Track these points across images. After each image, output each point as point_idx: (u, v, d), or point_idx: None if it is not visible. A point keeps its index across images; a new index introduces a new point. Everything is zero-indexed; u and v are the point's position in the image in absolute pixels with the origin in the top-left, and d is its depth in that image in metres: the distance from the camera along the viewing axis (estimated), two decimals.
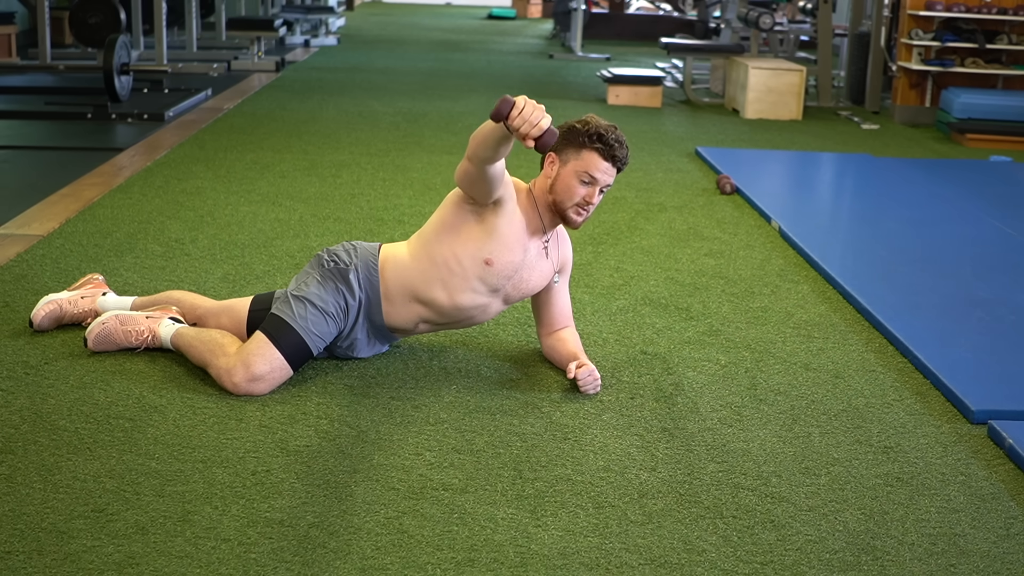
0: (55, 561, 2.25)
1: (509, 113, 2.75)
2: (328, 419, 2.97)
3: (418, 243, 3.26)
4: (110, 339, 3.31)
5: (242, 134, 7.03)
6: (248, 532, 2.39)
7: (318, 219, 5.00)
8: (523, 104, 2.75)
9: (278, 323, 3.14)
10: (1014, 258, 4.90)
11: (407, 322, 3.29)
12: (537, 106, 2.77)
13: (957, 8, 8.39)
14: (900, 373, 3.50)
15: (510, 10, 19.63)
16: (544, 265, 3.29)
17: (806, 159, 7.24)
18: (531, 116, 2.75)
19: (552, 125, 2.80)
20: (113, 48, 7.49)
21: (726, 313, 3.98)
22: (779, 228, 5.10)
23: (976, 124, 7.98)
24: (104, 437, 2.80)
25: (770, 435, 3.00)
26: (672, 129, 8.10)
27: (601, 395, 3.21)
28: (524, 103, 2.75)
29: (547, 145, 2.78)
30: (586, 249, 4.67)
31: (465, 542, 2.40)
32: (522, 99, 2.76)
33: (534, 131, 2.76)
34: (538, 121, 2.75)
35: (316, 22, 14.26)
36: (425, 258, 3.22)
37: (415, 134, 7.34)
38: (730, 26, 10.82)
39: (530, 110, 2.75)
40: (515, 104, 2.76)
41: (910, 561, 2.42)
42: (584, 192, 3.16)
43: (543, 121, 2.76)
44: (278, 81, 9.73)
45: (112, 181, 5.58)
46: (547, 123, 2.77)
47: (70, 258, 4.25)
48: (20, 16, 10.72)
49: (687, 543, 2.44)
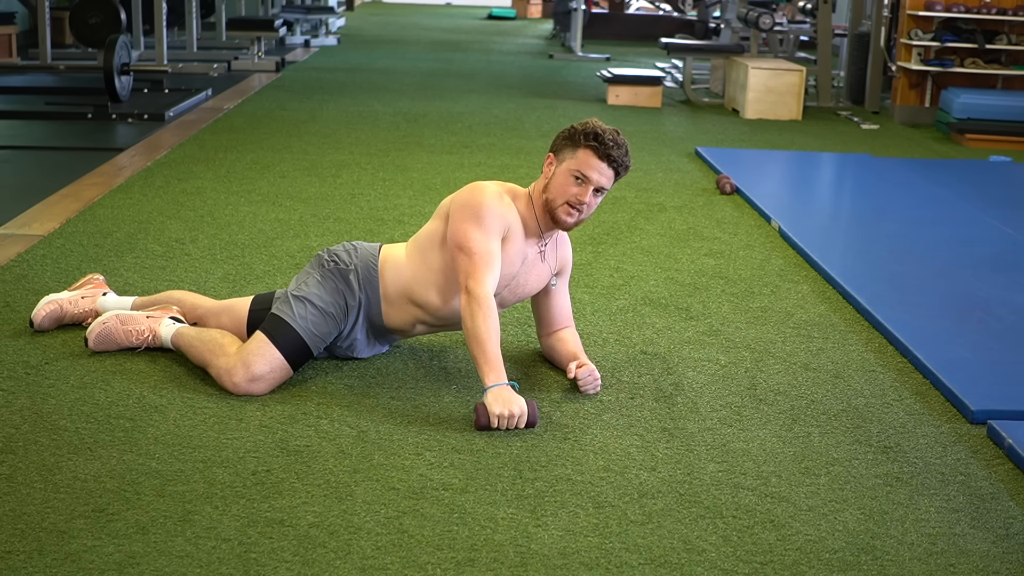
0: (56, 561, 2.25)
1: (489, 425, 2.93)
2: (328, 419, 2.97)
3: (414, 248, 3.26)
4: (111, 339, 3.31)
5: (242, 134, 7.04)
6: (248, 532, 2.40)
7: (318, 219, 5.00)
8: (496, 424, 2.92)
9: (278, 323, 3.14)
10: (1014, 258, 4.90)
11: (405, 323, 3.29)
12: (510, 418, 2.92)
13: (957, 8, 8.39)
14: (900, 373, 3.50)
15: (510, 10, 19.63)
16: (541, 268, 3.28)
17: (806, 159, 7.24)
18: (510, 423, 2.93)
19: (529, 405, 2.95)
20: (113, 48, 7.50)
21: (726, 313, 3.99)
22: (779, 228, 5.10)
23: (976, 124, 7.98)
24: (105, 437, 2.80)
25: (770, 435, 3.01)
26: (672, 129, 8.10)
27: (601, 395, 3.21)
28: (498, 421, 2.91)
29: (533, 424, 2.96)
30: (586, 249, 4.67)
31: (465, 542, 2.40)
32: (495, 421, 2.91)
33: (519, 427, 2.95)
34: (515, 425, 2.93)
35: (316, 22, 14.26)
36: (421, 263, 3.22)
37: (415, 134, 7.34)
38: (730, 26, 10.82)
39: (504, 426, 2.93)
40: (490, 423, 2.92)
41: (910, 561, 2.42)
42: (576, 191, 3.13)
43: (520, 421, 2.93)
44: (278, 81, 9.73)
45: (112, 181, 5.58)
46: (525, 417, 2.93)
47: (70, 258, 4.25)
48: (20, 16, 10.72)
49: (687, 543, 2.44)
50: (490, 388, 2.92)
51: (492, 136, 7.41)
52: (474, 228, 3.08)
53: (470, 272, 3.04)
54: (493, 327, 2.98)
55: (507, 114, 8.39)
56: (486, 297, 3.01)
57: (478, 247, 3.05)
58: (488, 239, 3.08)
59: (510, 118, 8.20)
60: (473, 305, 3.00)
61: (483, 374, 2.95)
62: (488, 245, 3.07)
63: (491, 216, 3.10)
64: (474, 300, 3.00)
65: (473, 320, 2.98)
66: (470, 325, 2.99)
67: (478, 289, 3.02)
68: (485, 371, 2.95)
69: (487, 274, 3.04)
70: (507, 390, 2.92)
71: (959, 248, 4.98)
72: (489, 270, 3.05)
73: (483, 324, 2.98)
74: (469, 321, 2.99)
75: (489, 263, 3.06)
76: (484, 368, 2.96)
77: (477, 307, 2.99)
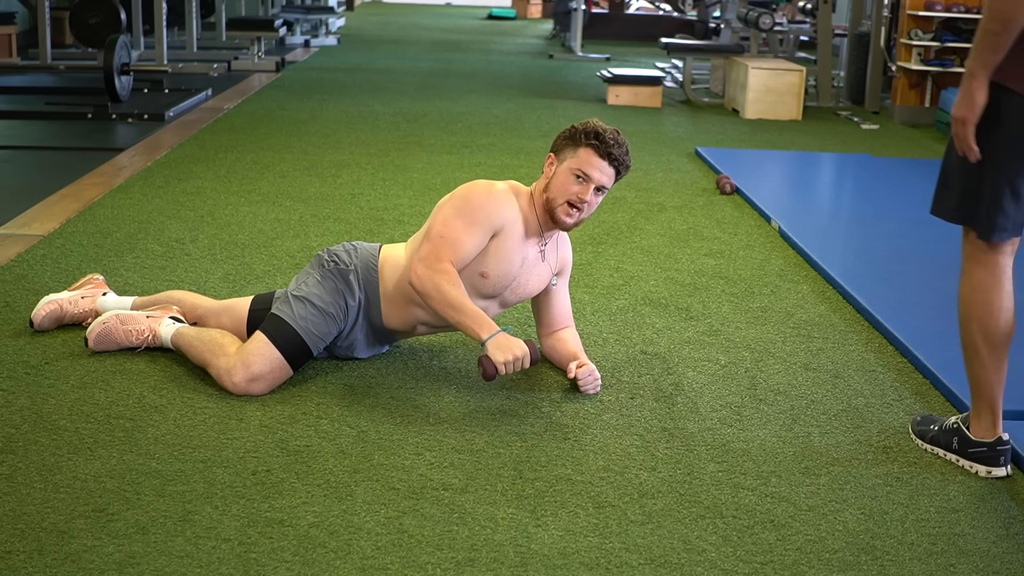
0: (56, 561, 2.25)
1: (497, 373, 2.98)
2: (328, 419, 2.97)
3: (413, 248, 3.25)
4: (111, 338, 3.31)
5: (242, 134, 7.04)
6: (248, 532, 2.40)
7: (318, 219, 5.00)
8: (504, 370, 2.96)
9: (278, 323, 3.14)
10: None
11: (405, 323, 3.29)
12: (515, 361, 2.96)
13: (957, 8, 8.39)
14: (900, 373, 3.50)
15: (510, 10, 19.64)
16: (541, 268, 3.28)
17: (806, 159, 7.24)
18: (516, 367, 2.97)
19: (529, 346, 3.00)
20: (113, 48, 7.50)
21: (726, 313, 3.99)
22: (779, 228, 5.10)
23: None
24: (104, 437, 2.80)
25: (770, 435, 3.01)
26: (672, 129, 8.10)
27: (601, 395, 3.21)
28: (504, 367, 2.96)
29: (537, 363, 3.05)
30: (586, 249, 4.67)
31: (465, 542, 2.40)
32: (501, 367, 2.96)
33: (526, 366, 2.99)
34: (520, 365, 2.98)
35: (316, 22, 14.27)
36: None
37: (415, 134, 7.34)
38: (730, 26, 10.82)
39: (512, 370, 2.97)
40: (498, 370, 2.96)
41: (910, 561, 2.42)
42: (576, 190, 3.14)
43: (526, 361, 2.98)
44: (278, 81, 9.73)
45: (112, 181, 5.59)
46: (528, 357, 2.98)
47: (70, 258, 4.25)
48: (20, 16, 10.72)
49: (687, 543, 2.44)
50: (488, 339, 2.97)
51: (492, 136, 7.41)
52: (454, 217, 3.11)
53: (423, 254, 3.07)
54: (460, 287, 3.04)
55: (507, 114, 8.39)
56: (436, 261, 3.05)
57: (447, 232, 3.09)
58: (466, 230, 3.10)
59: (510, 118, 8.20)
60: (430, 275, 3.03)
61: (474, 332, 3.00)
62: (460, 234, 3.09)
63: (480, 209, 3.12)
64: (427, 268, 3.04)
65: (438, 290, 3.02)
66: (437, 296, 3.03)
67: (420, 267, 3.05)
68: (475, 328, 3.00)
69: (439, 258, 3.06)
70: (504, 336, 2.99)
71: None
72: (445, 256, 3.07)
73: (450, 288, 3.02)
74: (435, 292, 3.03)
75: (451, 249, 3.08)
76: (472, 326, 3.00)
77: (435, 275, 3.03)
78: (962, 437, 2.85)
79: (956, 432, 2.87)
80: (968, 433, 2.84)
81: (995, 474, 2.80)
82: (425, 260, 3.06)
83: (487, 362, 2.97)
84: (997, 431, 2.81)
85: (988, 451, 2.81)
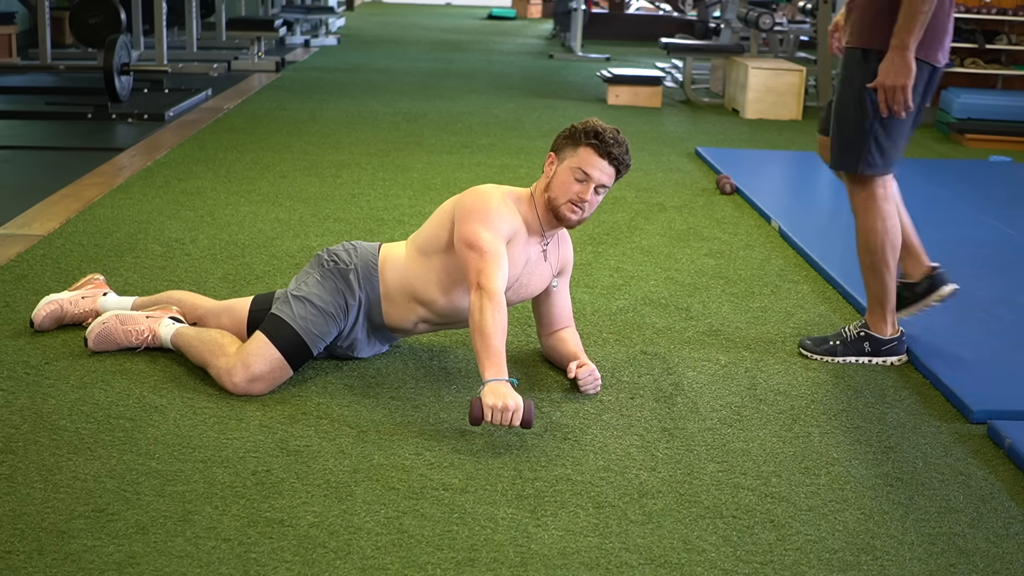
0: (55, 561, 2.25)
1: (483, 418, 2.84)
2: (328, 419, 2.97)
3: (415, 247, 3.25)
4: (110, 339, 3.31)
5: (242, 134, 7.04)
6: (248, 532, 2.40)
7: (318, 219, 5.00)
8: (490, 417, 2.82)
9: (278, 323, 3.14)
10: (1014, 258, 4.90)
11: (406, 322, 3.29)
12: (503, 411, 2.81)
13: (957, 8, 8.39)
14: (900, 373, 3.50)
15: (510, 10, 19.64)
16: (543, 269, 3.28)
17: (806, 159, 7.24)
18: (504, 418, 2.82)
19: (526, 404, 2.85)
20: (113, 48, 7.50)
21: (726, 313, 3.99)
22: (779, 228, 5.10)
23: (976, 124, 7.98)
24: (104, 437, 2.80)
25: (770, 435, 3.01)
26: (672, 129, 8.10)
27: (601, 395, 3.21)
28: (491, 417, 2.82)
29: (528, 426, 2.86)
30: (586, 249, 4.67)
31: (465, 542, 2.40)
32: (488, 413, 2.82)
33: (514, 424, 2.84)
34: (508, 422, 2.82)
35: (316, 22, 14.27)
36: (423, 262, 3.22)
37: (415, 134, 7.34)
38: (730, 26, 10.82)
39: (498, 420, 2.82)
40: (483, 415, 2.82)
41: (909, 561, 2.42)
42: (578, 189, 3.14)
43: (515, 418, 2.83)
44: (278, 81, 9.73)
45: (112, 181, 5.59)
46: (520, 414, 2.83)
47: (70, 258, 4.25)
48: (20, 16, 10.72)
49: (687, 543, 2.44)
50: (488, 382, 2.87)
51: (492, 136, 7.41)
52: (483, 228, 3.07)
53: (481, 268, 3.01)
54: (500, 323, 2.93)
55: (507, 114, 8.39)
56: (497, 293, 2.97)
57: (488, 245, 3.04)
58: (496, 239, 3.08)
59: (510, 118, 8.20)
60: (484, 300, 2.95)
61: (483, 368, 2.89)
62: (497, 244, 3.07)
63: (499, 218, 3.11)
64: (485, 295, 2.96)
65: (481, 314, 2.93)
66: (477, 318, 2.94)
67: (490, 285, 2.98)
68: (485, 365, 2.89)
69: (498, 271, 3.02)
70: (504, 385, 2.86)
71: (959, 248, 4.97)
72: (499, 267, 3.03)
73: (491, 319, 2.93)
74: (477, 315, 2.94)
75: (499, 261, 3.04)
76: (485, 362, 2.89)
77: (488, 301, 2.95)
78: (873, 340, 3.54)
79: (865, 339, 3.55)
80: (877, 335, 3.54)
81: (902, 360, 3.55)
82: (483, 275, 3.00)
83: (476, 404, 2.84)
84: (897, 327, 3.57)
85: (896, 344, 3.55)
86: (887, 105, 3.31)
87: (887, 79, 3.27)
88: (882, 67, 3.28)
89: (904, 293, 3.69)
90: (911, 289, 3.70)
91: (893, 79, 3.26)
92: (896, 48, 3.24)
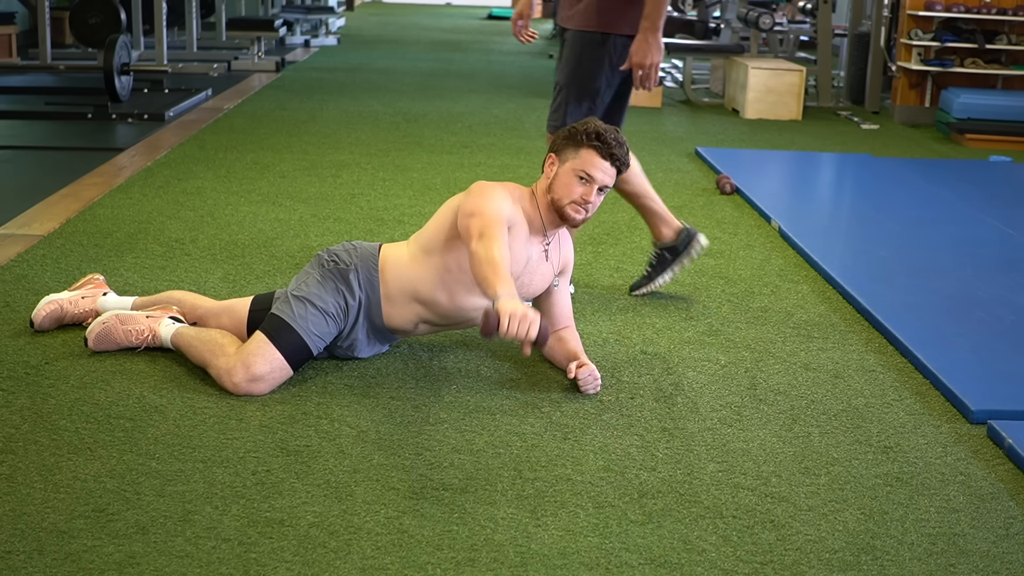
0: (56, 561, 2.25)
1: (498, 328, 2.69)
2: (328, 419, 2.97)
3: (418, 246, 3.26)
4: (110, 338, 3.31)
5: (242, 134, 7.04)
6: (248, 532, 2.40)
7: (318, 219, 5.00)
8: (507, 324, 2.68)
9: (278, 323, 3.14)
10: (1014, 258, 4.91)
11: (407, 322, 3.29)
12: (521, 320, 2.69)
13: (957, 8, 8.39)
14: (900, 373, 3.50)
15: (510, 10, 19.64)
16: (544, 268, 3.29)
17: (806, 159, 7.24)
18: (518, 333, 2.69)
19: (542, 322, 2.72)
20: (113, 48, 7.50)
21: (726, 313, 3.99)
22: (779, 228, 5.10)
23: (976, 124, 7.98)
24: (104, 437, 2.80)
25: (770, 435, 3.01)
26: (672, 129, 8.10)
27: (601, 395, 3.21)
28: (507, 324, 2.68)
29: (543, 343, 2.78)
30: (586, 249, 4.67)
31: (465, 542, 2.40)
32: (505, 319, 2.68)
33: (527, 340, 2.72)
34: (525, 334, 2.69)
35: (316, 22, 14.26)
36: (426, 261, 3.22)
37: (415, 134, 7.34)
38: (730, 26, 10.82)
39: (515, 329, 2.68)
40: (500, 323, 2.68)
41: (910, 561, 2.42)
42: (581, 190, 3.16)
43: (532, 329, 2.70)
44: (278, 81, 9.73)
45: (112, 181, 5.59)
46: (536, 326, 2.70)
47: (70, 258, 4.25)
48: (20, 16, 10.72)
49: (687, 543, 2.44)
50: (502, 296, 2.74)
51: (492, 136, 7.41)
52: (485, 203, 3.06)
53: (483, 227, 2.97)
54: (507, 256, 2.89)
55: (507, 114, 8.39)
56: (500, 240, 2.94)
57: (491, 213, 3.02)
58: (499, 213, 3.06)
59: (510, 118, 8.20)
60: (486, 241, 2.90)
61: (493, 288, 2.76)
62: (500, 215, 3.04)
63: (503, 200, 3.11)
64: (487, 239, 2.91)
65: (487, 250, 2.86)
66: (483, 254, 2.85)
67: (491, 233, 2.94)
68: (496, 284, 2.75)
69: (500, 231, 2.98)
70: (519, 300, 2.75)
71: (959, 248, 4.97)
72: (501, 228, 2.99)
73: (497, 251, 2.86)
74: (482, 251, 2.86)
75: (501, 224, 3.01)
76: (495, 282, 2.76)
77: (491, 241, 2.90)
78: (671, 248, 3.99)
79: (667, 253, 4.00)
80: (670, 243, 3.98)
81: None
82: (484, 232, 2.94)
83: (491, 316, 2.68)
84: (677, 222, 4.00)
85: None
86: (640, 82, 3.70)
87: (644, 59, 3.66)
88: (635, 48, 3.66)
89: (667, 255, 4.02)
90: (672, 251, 4.01)
91: (651, 58, 3.66)
92: (649, 30, 3.65)
